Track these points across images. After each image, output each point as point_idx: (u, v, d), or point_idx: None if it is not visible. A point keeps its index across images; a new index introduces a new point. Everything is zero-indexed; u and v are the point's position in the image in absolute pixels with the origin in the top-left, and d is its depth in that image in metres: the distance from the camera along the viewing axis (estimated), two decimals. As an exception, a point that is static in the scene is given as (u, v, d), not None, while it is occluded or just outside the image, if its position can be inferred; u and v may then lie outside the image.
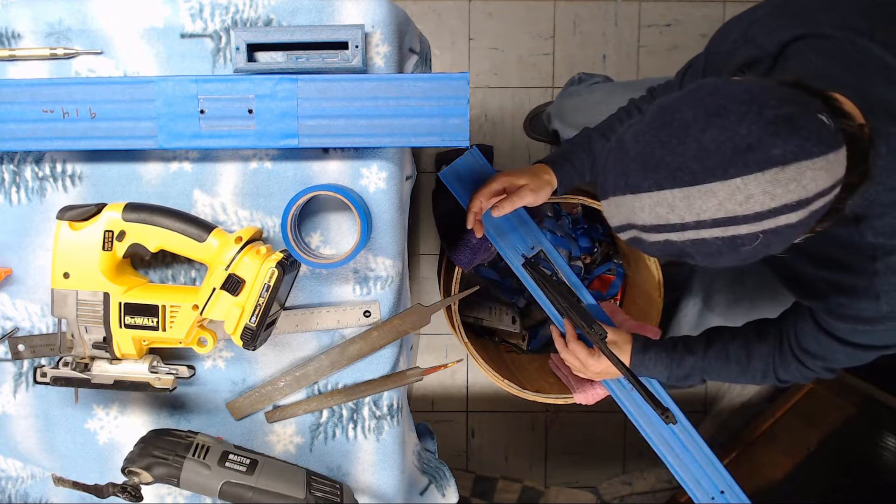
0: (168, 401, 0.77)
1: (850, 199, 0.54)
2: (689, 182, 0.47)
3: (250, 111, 0.67)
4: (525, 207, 0.98)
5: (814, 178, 0.47)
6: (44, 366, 0.70)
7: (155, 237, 0.67)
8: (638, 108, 0.87)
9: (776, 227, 0.48)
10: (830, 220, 0.54)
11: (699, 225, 0.49)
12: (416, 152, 1.29)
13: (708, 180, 0.47)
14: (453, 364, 0.94)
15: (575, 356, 0.88)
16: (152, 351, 0.73)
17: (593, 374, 0.89)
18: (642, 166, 0.50)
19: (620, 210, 0.54)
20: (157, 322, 0.68)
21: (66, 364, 0.69)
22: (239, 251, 0.65)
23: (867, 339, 0.68)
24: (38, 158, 0.73)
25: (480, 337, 1.48)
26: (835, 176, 0.49)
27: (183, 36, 0.71)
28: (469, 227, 0.85)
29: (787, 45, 0.64)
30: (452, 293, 1.19)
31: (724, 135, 0.46)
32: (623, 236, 0.56)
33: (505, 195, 0.83)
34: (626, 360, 0.86)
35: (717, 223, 0.48)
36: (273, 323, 0.69)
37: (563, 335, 0.91)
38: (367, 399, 0.78)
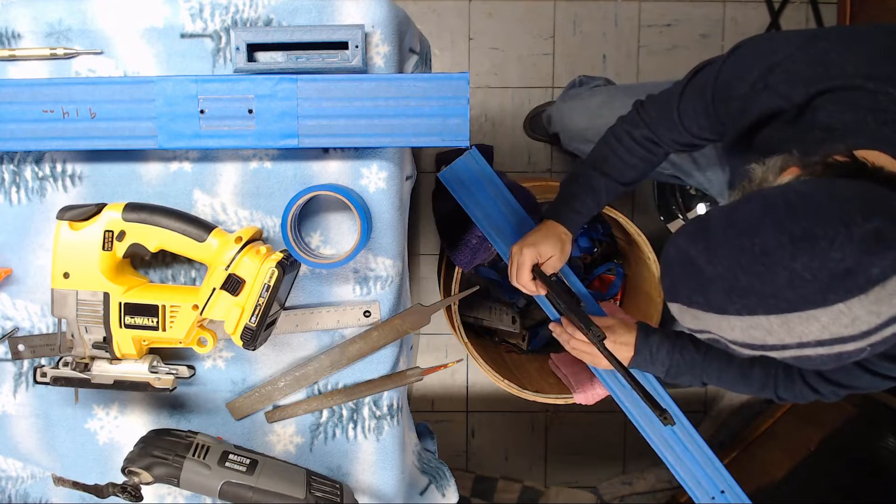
0: (168, 401, 0.77)
1: None
2: (785, 310, 0.44)
3: (250, 111, 0.67)
4: (523, 206, 0.98)
5: None
6: (44, 366, 0.70)
7: (155, 237, 0.67)
8: (643, 142, 0.85)
9: (883, 338, 0.45)
10: None
11: (802, 346, 0.46)
12: (416, 152, 1.29)
13: (807, 308, 0.44)
14: (453, 364, 0.94)
15: (583, 344, 0.88)
16: (152, 351, 0.73)
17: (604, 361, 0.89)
18: (726, 290, 0.47)
19: (700, 322, 0.50)
20: (157, 322, 0.68)
21: (66, 364, 0.69)
22: (239, 251, 0.65)
23: None
24: (38, 158, 0.73)
25: (480, 337, 1.48)
26: None
27: (183, 36, 0.71)
28: (532, 293, 0.91)
29: (814, 97, 0.62)
30: (452, 293, 1.19)
31: (817, 262, 0.43)
32: (701, 337, 0.52)
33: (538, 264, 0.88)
34: (632, 345, 0.87)
35: (821, 343, 0.45)
36: (273, 323, 0.69)
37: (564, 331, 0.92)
38: (367, 399, 0.78)
